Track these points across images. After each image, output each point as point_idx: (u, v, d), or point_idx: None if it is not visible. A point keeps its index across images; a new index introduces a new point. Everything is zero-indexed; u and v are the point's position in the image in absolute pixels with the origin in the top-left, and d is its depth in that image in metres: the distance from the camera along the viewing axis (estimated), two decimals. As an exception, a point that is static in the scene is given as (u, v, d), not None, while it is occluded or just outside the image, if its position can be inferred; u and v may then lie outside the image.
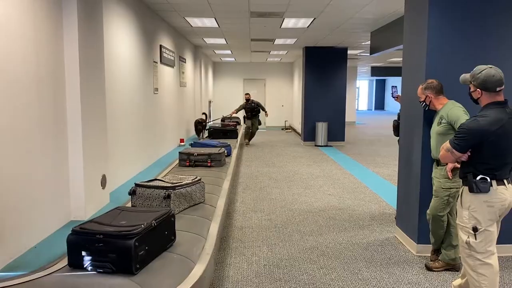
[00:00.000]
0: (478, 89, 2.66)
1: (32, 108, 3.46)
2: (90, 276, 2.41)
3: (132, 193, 3.56)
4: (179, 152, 5.80)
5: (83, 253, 2.49)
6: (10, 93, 3.15)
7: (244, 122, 12.57)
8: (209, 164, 5.51)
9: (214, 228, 3.48)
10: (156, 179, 3.89)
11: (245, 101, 12.35)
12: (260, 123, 12.44)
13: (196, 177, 3.93)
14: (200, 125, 10.59)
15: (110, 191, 4.97)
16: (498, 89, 2.61)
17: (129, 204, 3.54)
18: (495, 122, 2.56)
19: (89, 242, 2.47)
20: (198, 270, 2.66)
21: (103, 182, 4.63)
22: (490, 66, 2.66)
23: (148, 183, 3.65)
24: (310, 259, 3.89)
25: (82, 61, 4.07)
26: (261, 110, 12.27)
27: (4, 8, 3.09)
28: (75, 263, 2.52)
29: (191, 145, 6.79)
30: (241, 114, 13.37)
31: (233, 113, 12.12)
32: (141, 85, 6.74)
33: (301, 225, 4.88)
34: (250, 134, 12.24)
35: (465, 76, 2.77)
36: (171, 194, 3.46)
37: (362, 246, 4.24)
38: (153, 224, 2.59)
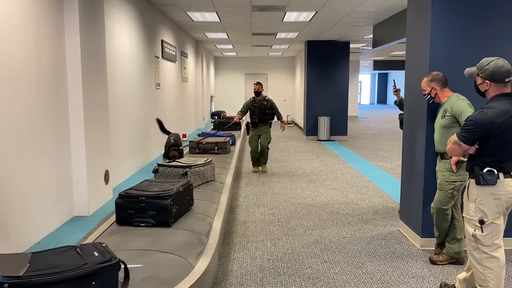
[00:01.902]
0: (486, 81, 2.63)
1: (33, 104, 3.44)
2: (136, 228, 3.10)
3: (156, 171, 4.33)
4: (189, 141, 6.57)
5: (129, 212, 3.16)
6: (11, 90, 3.13)
7: (248, 133, 7.66)
8: (216, 151, 6.34)
9: (217, 223, 3.48)
10: (174, 161, 4.62)
11: (252, 96, 7.38)
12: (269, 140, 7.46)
13: (208, 159, 4.72)
14: (175, 150, 5.62)
15: (114, 186, 4.97)
16: (506, 80, 2.59)
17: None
18: (502, 113, 2.55)
19: (133, 203, 3.16)
20: (201, 265, 2.66)
21: (106, 178, 4.62)
22: (497, 57, 2.64)
23: (168, 163, 4.42)
24: (314, 253, 3.88)
25: (83, 57, 4.05)
26: (274, 117, 7.41)
27: (5, 3, 3.06)
28: (122, 221, 3.19)
29: (199, 135, 7.55)
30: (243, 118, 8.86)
31: (238, 118, 7.44)
32: (143, 80, 6.72)
33: (304, 220, 4.87)
34: (260, 154, 7.51)
35: (471, 69, 2.75)
36: (188, 172, 4.25)
37: (365, 240, 4.23)
38: (180, 189, 3.33)
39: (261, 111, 7.23)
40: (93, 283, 1.95)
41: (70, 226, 3.85)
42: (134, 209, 3.16)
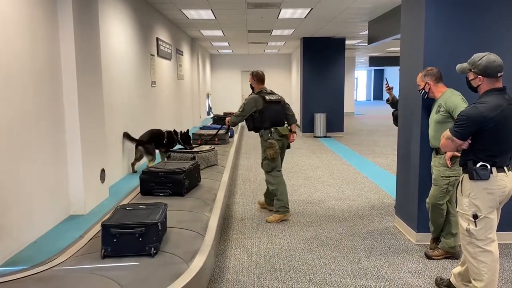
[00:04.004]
0: (479, 76, 2.65)
1: (29, 103, 3.43)
2: (156, 197, 3.93)
3: (168, 156, 5.34)
4: (193, 133, 7.32)
5: (151, 184, 4.03)
6: (6, 89, 3.12)
7: (273, 153, 4.62)
8: (216, 142, 7.26)
9: (214, 220, 3.49)
10: (182, 148, 5.66)
11: (251, 94, 4.90)
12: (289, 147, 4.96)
13: (212, 147, 5.80)
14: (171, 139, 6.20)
15: (110, 185, 4.96)
16: (499, 74, 2.61)
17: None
18: (495, 108, 2.56)
19: (154, 177, 4.03)
20: (198, 262, 2.68)
21: (102, 176, 4.62)
22: (489, 52, 2.65)
23: (179, 150, 5.43)
24: (310, 249, 3.90)
25: (78, 55, 4.04)
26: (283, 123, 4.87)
27: (-2, 1, 3.05)
28: (145, 192, 4.06)
29: (201, 128, 8.55)
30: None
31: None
32: (139, 78, 6.70)
33: (301, 216, 4.89)
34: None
35: (462, 65, 2.76)
36: (195, 156, 5.13)
37: (361, 236, 4.25)
38: (191, 167, 4.25)
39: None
40: (165, 220, 2.99)
41: (66, 225, 3.84)
42: (154, 182, 4.00)
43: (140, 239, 2.68)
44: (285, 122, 4.91)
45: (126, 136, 5.82)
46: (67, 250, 2.94)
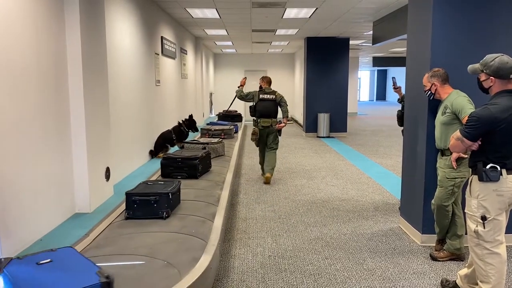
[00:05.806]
0: (491, 77, 2.64)
1: (34, 102, 3.43)
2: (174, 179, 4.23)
3: (182, 147, 6.11)
4: (201, 128, 8.53)
5: (170, 168, 4.75)
6: (12, 87, 3.12)
7: (253, 138, 6.53)
8: (222, 136, 8.11)
9: (218, 220, 3.49)
10: (194, 140, 6.50)
11: (258, 89, 6.58)
12: (280, 134, 6.63)
13: (220, 139, 6.67)
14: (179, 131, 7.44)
15: (114, 183, 4.96)
16: (511, 76, 2.59)
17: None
18: (506, 109, 2.55)
19: (173, 162, 4.77)
20: (204, 261, 2.67)
21: (107, 175, 4.62)
22: (501, 54, 2.64)
23: (191, 141, 6.28)
24: (315, 250, 3.89)
25: (84, 54, 4.03)
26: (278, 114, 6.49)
27: (4, 1, 3.05)
28: (165, 175, 4.76)
29: (208, 124, 9.46)
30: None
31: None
32: (143, 77, 6.70)
33: (305, 216, 4.88)
34: (267, 161, 6.54)
35: (474, 66, 2.75)
36: (206, 147, 5.83)
37: (366, 237, 4.24)
38: (203, 154, 4.97)
39: (268, 109, 6.48)
40: (178, 193, 3.67)
41: (71, 223, 3.84)
42: (173, 166, 4.72)
43: (155, 205, 3.32)
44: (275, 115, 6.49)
45: (150, 152, 6.90)
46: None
